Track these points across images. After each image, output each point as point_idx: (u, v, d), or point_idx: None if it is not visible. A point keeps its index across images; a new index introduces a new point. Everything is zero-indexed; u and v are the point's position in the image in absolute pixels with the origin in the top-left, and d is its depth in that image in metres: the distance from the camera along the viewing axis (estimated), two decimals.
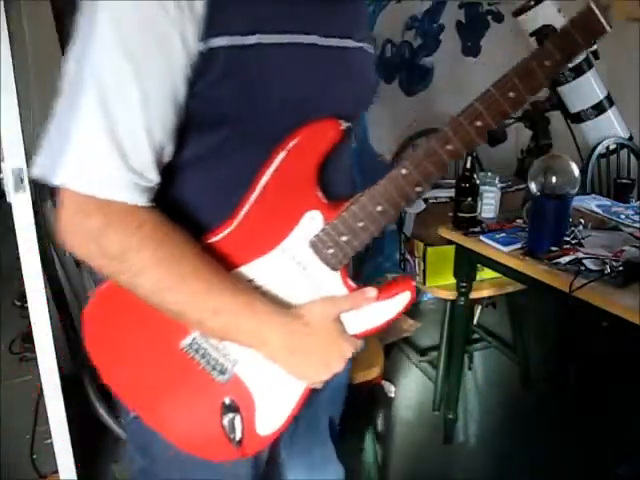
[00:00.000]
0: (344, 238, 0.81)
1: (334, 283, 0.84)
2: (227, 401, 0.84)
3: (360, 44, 0.89)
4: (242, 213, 0.79)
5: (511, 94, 0.77)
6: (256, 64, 0.73)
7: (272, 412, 0.86)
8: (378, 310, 0.85)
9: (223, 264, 0.78)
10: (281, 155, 0.77)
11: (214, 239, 0.79)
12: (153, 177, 0.73)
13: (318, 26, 0.80)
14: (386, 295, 0.85)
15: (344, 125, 0.79)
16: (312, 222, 0.81)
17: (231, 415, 0.84)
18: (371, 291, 0.83)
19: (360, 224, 0.80)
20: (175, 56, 0.70)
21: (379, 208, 0.80)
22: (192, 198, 0.80)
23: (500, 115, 0.79)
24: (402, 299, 0.85)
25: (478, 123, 0.79)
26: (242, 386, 0.85)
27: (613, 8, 0.77)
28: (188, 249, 0.75)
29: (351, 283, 0.85)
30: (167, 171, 0.76)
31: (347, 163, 0.91)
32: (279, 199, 0.79)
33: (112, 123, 0.68)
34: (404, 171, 0.79)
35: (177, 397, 0.85)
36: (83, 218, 0.70)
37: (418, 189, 0.81)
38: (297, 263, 0.82)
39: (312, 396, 0.88)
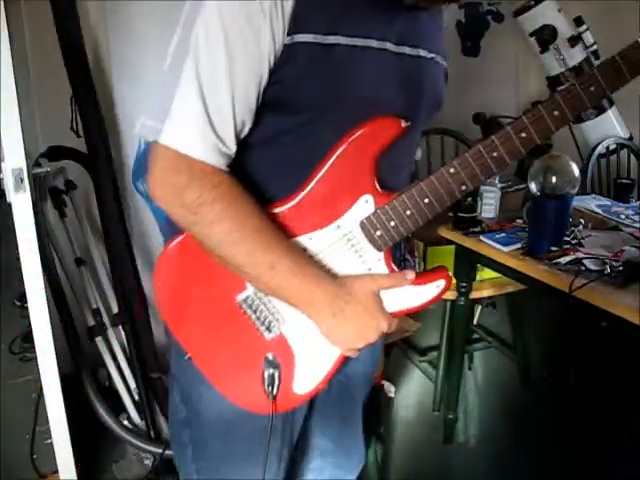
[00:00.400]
0: (392, 223, 0.92)
1: (378, 262, 0.94)
2: (270, 357, 0.94)
3: (432, 55, 0.99)
4: (306, 190, 0.90)
5: (556, 113, 0.89)
6: (333, 61, 0.84)
7: (309, 373, 0.95)
8: (414, 293, 0.95)
9: (284, 232, 0.89)
10: (346, 143, 0.88)
11: (279, 209, 0.90)
12: (232, 146, 0.85)
13: (391, 34, 0.90)
14: (423, 280, 0.94)
15: (405, 124, 0.90)
16: (365, 205, 0.91)
17: (272, 370, 0.93)
18: (410, 274, 0.93)
19: (407, 212, 0.91)
20: (263, 47, 0.82)
21: (426, 200, 0.91)
22: (264, 171, 0.91)
23: (544, 130, 0.89)
24: (437, 285, 0.95)
25: (523, 135, 0.89)
26: (286, 345, 0.94)
27: None
28: (255, 210, 0.86)
29: (394, 265, 0.95)
30: (245, 145, 0.88)
31: (407, 159, 1.00)
32: (340, 181, 0.90)
33: (205, 99, 0.82)
34: (452, 170, 0.90)
35: (227, 345, 0.95)
36: (174, 173, 0.83)
37: (463, 187, 0.91)
38: (348, 240, 0.92)
39: (347, 371, 1.03)
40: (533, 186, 1.73)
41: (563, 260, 1.60)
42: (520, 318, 2.41)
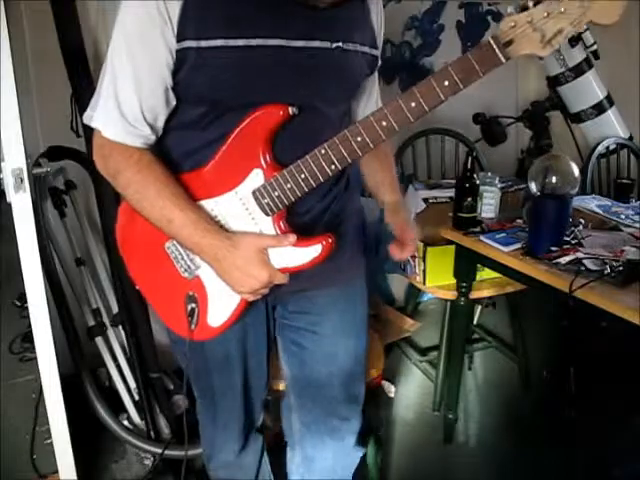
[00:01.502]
0: (276, 193, 1.09)
1: (267, 225, 1.12)
2: (190, 293, 1.18)
3: (337, 44, 1.11)
4: (211, 163, 1.11)
5: (412, 104, 1.01)
6: (219, 61, 1.02)
7: (220, 309, 1.17)
8: (296, 254, 1.11)
9: (192, 194, 1.11)
10: (239, 127, 1.08)
11: (192, 177, 1.12)
12: (146, 130, 1.07)
13: (279, 30, 1.04)
14: (303, 243, 1.10)
15: (292, 111, 1.06)
16: (256, 177, 1.10)
17: (192, 305, 1.17)
18: (292, 237, 1.09)
19: (288, 185, 1.08)
20: (160, 54, 1.02)
21: (302, 176, 1.07)
22: (183, 147, 1.13)
23: (403, 120, 1.02)
24: (315, 249, 1.11)
25: (384, 123, 1.03)
26: (201, 285, 1.17)
27: (515, 42, 0.95)
28: (160, 177, 1.08)
29: (282, 227, 1.12)
30: (168, 127, 1.11)
31: (311, 138, 1.09)
32: (236, 157, 1.10)
33: (117, 96, 1.04)
34: (323, 151, 1.06)
35: (161, 283, 1.21)
36: (101, 149, 1.09)
37: (332, 167, 1.07)
38: (243, 204, 1.11)
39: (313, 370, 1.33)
40: (533, 186, 1.73)
41: (563, 260, 1.60)
42: (520, 318, 2.41)
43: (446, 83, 1.00)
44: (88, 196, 2.10)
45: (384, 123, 1.02)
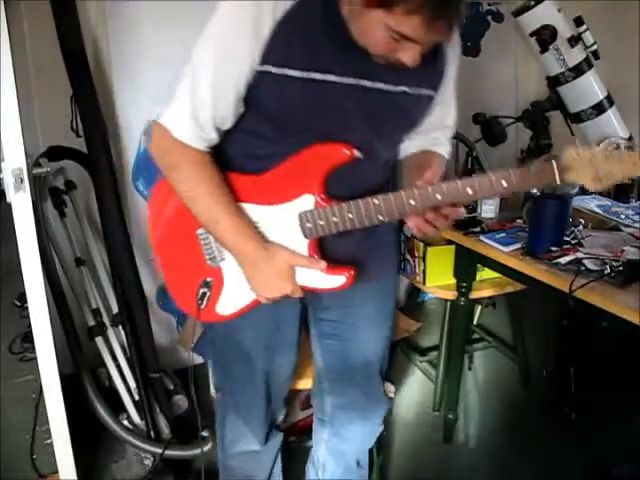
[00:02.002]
0: (321, 222, 1.18)
1: (302, 245, 1.21)
2: (207, 279, 1.27)
3: (401, 87, 1.15)
4: (268, 173, 1.19)
5: (469, 190, 1.09)
6: (294, 90, 1.09)
7: (230, 302, 1.28)
8: (321, 277, 1.21)
9: (242, 195, 1.19)
10: (306, 151, 1.15)
11: (244, 175, 1.20)
12: (212, 135, 1.15)
13: (349, 69, 1.10)
14: (329, 271, 1.20)
15: (356, 154, 1.14)
16: (306, 202, 1.18)
17: (205, 290, 1.27)
18: (322, 263, 1.19)
19: (334, 219, 1.16)
20: (243, 66, 1.07)
21: (350, 215, 1.15)
22: (241, 149, 1.20)
23: (455, 200, 1.11)
24: (338, 278, 1.22)
25: (438, 196, 1.10)
26: (220, 276, 1.27)
27: (573, 171, 1.06)
28: (214, 178, 1.16)
29: (313, 252, 1.21)
30: (233, 129, 1.17)
31: (364, 176, 1.20)
32: (294, 177, 1.17)
33: (193, 99, 1.11)
34: (376, 201, 1.13)
35: (182, 261, 1.29)
36: (162, 141, 1.16)
37: (380, 217, 1.14)
38: (287, 220, 1.20)
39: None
40: None
41: (563, 260, 1.60)
42: (520, 318, 2.41)
43: (504, 183, 1.09)
44: (88, 196, 2.10)
45: (438, 196, 1.10)
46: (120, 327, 2.01)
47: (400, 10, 0.97)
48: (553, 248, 1.66)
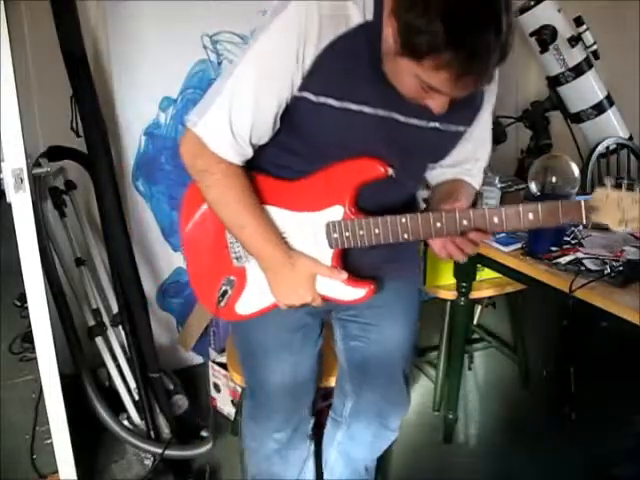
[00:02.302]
0: (347, 234, 1.19)
1: (326, 254, 1.23)
2: (231, 277, 1.30)
3: (433, 124, 1.17)
4: (301, 180, 1.21)
5: (495, 219, 1.12)
6: (330, 117, 1.12)
7: (249, 302, 1.31)
8: (342, 289, 1.24)
9: (272, 199, 1.22)
10: (342, 163, 1.18)
11: (277, 180, 1.23)
12: (248, 150, 1.16)
13: (385, 103, 1.13)
14: (351, 283, 1.23)
15: (390, 172, 1.17)
16: (336, 212, 1.20)
17: (227, 287, 1.30)
18: (344, 274, 1.21)
19: (361, 232, 1.18)
20: (284, 88, 1.10)
21: (376, 231, 1.18)
22: (274, 159, 1.23)
23: (481, 226, 1.13)
24: (358, 291, 1.24)
25: (464, 222, 1.13)
26: (244, 276, 1.30)
27: (601, 212, 1.07)
28: (243, 186, 1.18)
29: (337, 263, 1.23)
30: (271, 140, 1.19)
31: (391, 194, 1.24)
32: (326, 187, 1.20)
33: (231, 116, 1.12)
34: (403, 220, 1.16)
35: (209, 257, 1.33)
36: (195, 147, 1.15)
37: (405, 235, 1.17)
38: (314, 228, 1.22)
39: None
40: (533, 186, 1.73)
41: (563, 260, 1.60)
42: (520, 318, 2.41)
43: (530, 216, 1.10)
44: (88, 196, 2.10)
45: (465, 222, 1.13)
46: (120, 327, 2.01)
47: (428, 64, 0.98)
48: (553, 248, 1.66)
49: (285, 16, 1.07)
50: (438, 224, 1.14)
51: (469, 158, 1.33)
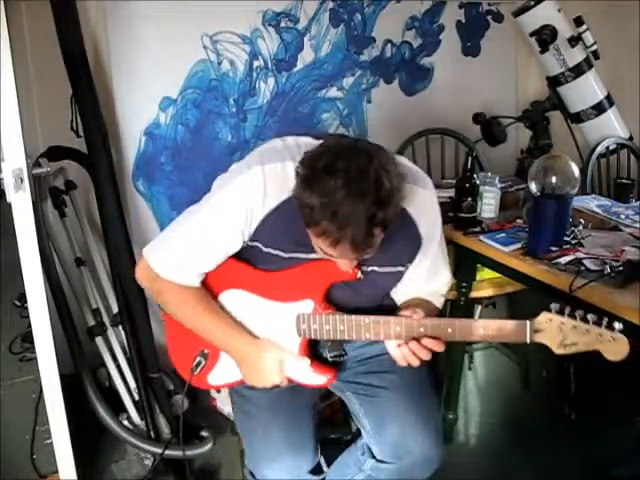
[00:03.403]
0: (314, 326, 1.33)
1: (294, 342, 1.37)
2: (205, 351, 1.43)
3: (370, 268, 1.34)
4: (278, 273, 1.34)
5: (449, 330, 1.27)
6: (267, 257, 1.32)
7: (220, 374, 1.44)
8: (306, 374, 1.37)
9: (250, 285, 1.37)
10: (317, 262, 1.30)
11: (255, 270, 1.36)
12: (196, 280, 1.34)
13: (307, 249, 1.27)
14: (314, 369, 1.36)
15: (359, 276, 1.32)
16: (306, 305, 1.34)
17: (201, 359, 1.43)
18: (307, 361, 1.34)
19: (327, 327, 1.32)
20: (233, 240, 1.31)
21: (341, 327, 1.31)
22: (255, 261, 1.37)
23: (436, 334, 1.27)
24: (319, 378, 1.38)
25: (421, 329, 1.26)
26: (216, 352, 1.42)
27: (543, 334, 1.22)
28: (196, 299, 1.35)
29: (303, 350, 1.37)
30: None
31: (356, 299, 1.37)
32: (300, 282, 1.33)
33: (182, 252, 1.32)
34: (367, 320, 1.29)
35: (187, 332, 1.40)
36: (148, 272, 1.35)
37: (367, 335, 1.30)
38: (285, 317, 1.35)
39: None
40: (533, 186, 1.73)
41: (563, 260, 1.60)
42: (520, 318, 2.40)
43: (481, 331, 1.25)
44: (88, 196, 2.10)
45: (421, 329, 1.26)
46: (120, 327, 2.01)
47: (313, 232, 1.16)
48: (553, 248, 1.66)
49: (240, 180, 1.28)
50: (397, 328, 1.27)
51: (424, 293, 1.46)
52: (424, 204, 1.35)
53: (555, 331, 1.21)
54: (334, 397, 2.22)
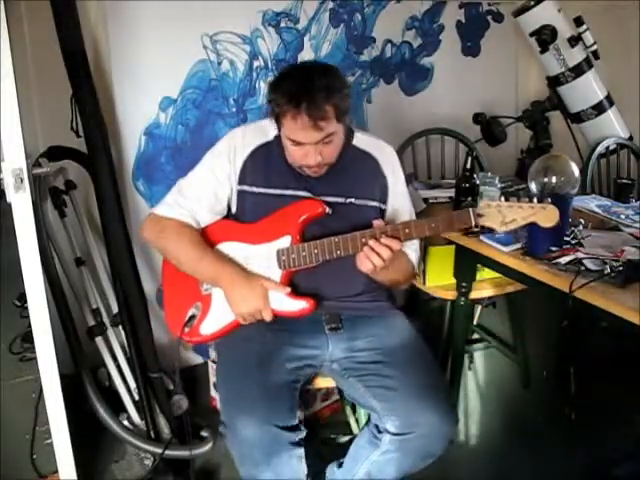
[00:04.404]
0: (293, 256, 1.53)
1: (276, 274, 1.55)
2: (198, 303, 1.60)
3: (348, 200, 1.62)
4: (258, 223, 1.60)
5: (407, 230, 1.48)
6: (254, 198, 1.62)
7: (211, 325, 1.59)
8: (287, 302, 1.53)
9: (236, 236, 1.61)
10: (288, 206, 1.57)
11: (238, 223, 1.64)
12: (190, 220, 1.61)
13: (299, 186, 1.60)
14: (293, 297, 1.52)
15: (328, 210, 1.55)
16: (285, 241, 1.55)
17: (195, 311, 1.58)
18: (287, 289, 1.52)
19: (303, 253, 1.52)
20: (222, 182, 1.62)
21: (315, 251, 1.51)
22: (242, 214, 1.66)
23: (396, 236, 1.48)
24: (299, 303, 1.53)
25: (383, 239, 1.48)
26: (209, 300, 1.60)
27: (486, 217, 1.45)
28: (193, 233, 1.60)
29: (285, 281, 1.54)
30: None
31: (327, 229, 1.55)
32: (278, 224, 1.57)
33: (179, 193, 1.64)
34: (336, 240, 1.50)
35: (181, 290, 1.64)
36: (151, 221, 1.65)
37: (338, 252, 1.50)
38: (267, 255, 1.56)
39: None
40: (533, 186, 1.73)
41: (563, 260, 1.60)
42: (520, 318, 2.41)
43: (432, 224, 1.47)
44: (88, 196, 2.10)
45: (383, 236, 1.47)
46: (120, 327, 2.01)
47: (282, 122, 1.49)
48: (553, 248, 1.66)
49: (224, 139, 1.66)
50: (363, 239, 1.47)
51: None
52: (387, 153, 1.71)
53: (494, 213, 1.43)
54: (334, 397, 2.23)
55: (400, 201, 1.71)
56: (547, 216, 1.42)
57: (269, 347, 1.54)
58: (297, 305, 1.52)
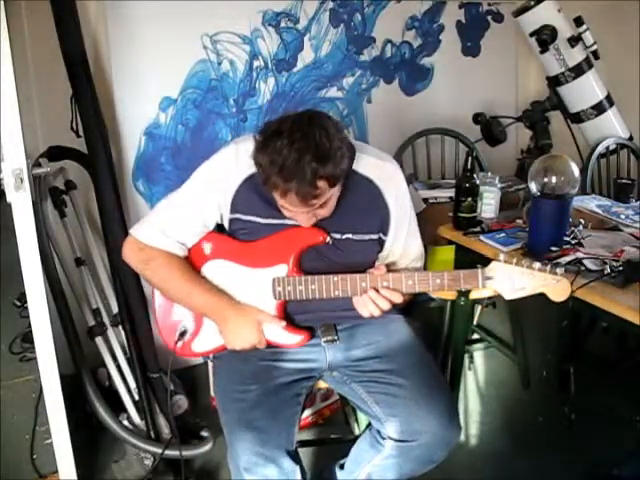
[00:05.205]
0: (289, 288, 1.44)
1: (271, 305, 1.48)
2: (189, 320, 1.53)
3: (345, 236, 1.49)
4: (255, 243, 1.48)
5: (410, 282, 1.41)
6: (248, 226, 1.48)
7: (204, 342, 1.53)
8: (282, 334, 1.48)
9: (230, 256, 1.49)
10: (288, 230, 1.45)
11: (234, 241, 1.50)
12: (179, 246, 1.49)
13: (283, 216, 1.43)
14: (289, 330, 1.48)
15: (328, 240, 1.45)
16: (281, 269, 1.46)
17: (185, 327, 1.53)
18: (283, 323, 1.46)
19: (299, 287, 1.43)
20: (212, 210, 1.48)
21: (313, 287, 1.42)
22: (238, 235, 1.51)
23: (398, 288, 1.42)
24: (295, 337, 1.48)
25: (384, 282, 1.41)
26: (201, 321, 1.53)
27: (494, 280, 1.37)
28: (182, 264, 1.49)
29: (279, 312, 1.48)
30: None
31: (325, 258, 1.48)
32: (275, 249, 1.46)
33: (166, 220, 1.48)
34: (336, 279, 1.41)
35: (172, 307, 1.55)
36: (134, 246, 1.51)
37: (337, 292, 1.42)
38: (262, 282, 1.46)
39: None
40: (533, 186, 1.73)
41: (563, 260, 1.60)
42: (520, 318, 2.41)
43: (437, 281, 1.40)
44: (88, 196, 2.10)
45: (385, 283, 1.40)
46: (120, 327, 2.01)
47: (269, 189, 1.32)
48: (553, 248, 1.66)
49: (216, 155, 1.48)
50: (363, 284, 1.40)
51: (401, 263, 1.59)
52: (390, 177, 1.53)
53: (504, 277, 1.35)
54: (334, 397, 2.23)
55: (403, 234, 1.57)
56: (559, 290, 1.34)
57: (266, 364, 1.49)
58: (293, 339, 1.48)
